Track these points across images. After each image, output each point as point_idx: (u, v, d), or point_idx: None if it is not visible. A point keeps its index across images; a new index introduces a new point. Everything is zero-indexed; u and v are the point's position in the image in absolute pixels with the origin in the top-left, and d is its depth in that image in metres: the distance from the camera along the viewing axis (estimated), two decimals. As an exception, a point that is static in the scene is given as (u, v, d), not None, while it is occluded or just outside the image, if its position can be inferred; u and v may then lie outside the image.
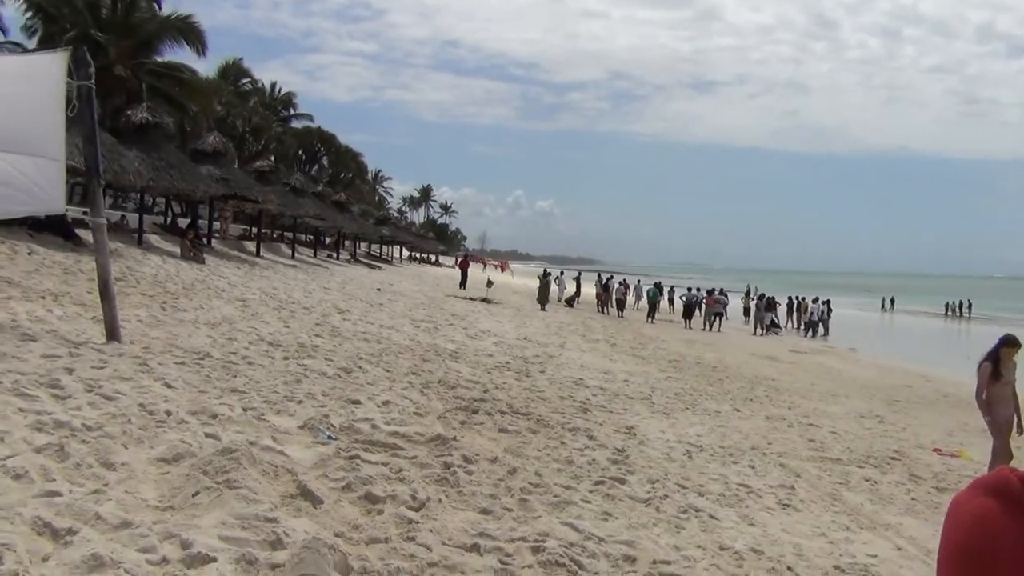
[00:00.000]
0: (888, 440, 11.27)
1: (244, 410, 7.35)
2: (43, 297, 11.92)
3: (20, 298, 11.41)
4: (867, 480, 8.66)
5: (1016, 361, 8.67)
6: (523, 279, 64.24)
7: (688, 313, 35.45)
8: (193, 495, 4.87)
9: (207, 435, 6.21)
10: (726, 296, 38.30)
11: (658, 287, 39.62)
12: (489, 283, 35.17)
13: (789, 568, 5.38)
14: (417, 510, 5.35)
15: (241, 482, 5.04)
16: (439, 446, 7.08)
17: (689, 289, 37.80)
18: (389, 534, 4.82)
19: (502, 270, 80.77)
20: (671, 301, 43.30)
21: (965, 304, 58.03)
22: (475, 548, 4.81)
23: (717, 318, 34.93)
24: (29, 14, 33.82)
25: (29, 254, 15.68)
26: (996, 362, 8.47)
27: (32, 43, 31.40)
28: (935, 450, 10.78)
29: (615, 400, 11.75)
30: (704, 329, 33.84)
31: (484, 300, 31.32)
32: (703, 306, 35.45)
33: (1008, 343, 8.56)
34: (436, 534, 4.95)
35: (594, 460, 7.64)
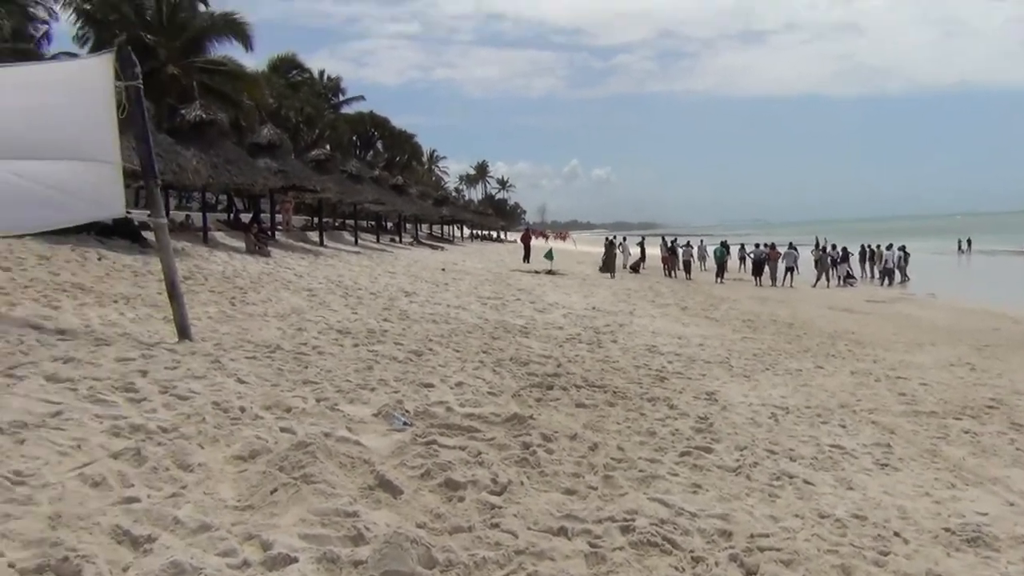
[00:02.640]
0: (983, 388, 10.73)
1: (317, 401, 7.26)
2: (115, 301, 12.04)
3: (93, 303, 11.54)
4: (966, 432, 8.20)
5: None
6: (586, 247, 63.81)
7: (758, 270, 34.70)
8: (271, 492, 4.76)
9: (282, 429, 6.12)
10: (796, 249, 37.43)
11: (724, 246, 38.84)
12: (549, 255, 34.74)
13: (896, 534, 5.05)
14: (499, 494, 5.17)
15: (319, 476, 4.92)
16: (516, 425, 6.90)
17: (757, 245, 36.93)
18: (472, 522, 4.65)
19: (563, 240, 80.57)
20: (742, 259, 42.45)
21: (1048, 240, 55.77)
22: (562, 532, 4.61)
23: (789, 273, 34.09)
24: (79, 24, 34.55)
25: (99, 259, 15.92)
26: None
27: (85, 52, 32.02)
28: (1036, 395, 10.23)
29: (692, 366, 11.42)
30: (773, 285, 33.07)
31: (549, 272, 31.07)
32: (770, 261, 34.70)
33: None
34: (521, 519, 4.76)
35: (677, 430, 7.37)
